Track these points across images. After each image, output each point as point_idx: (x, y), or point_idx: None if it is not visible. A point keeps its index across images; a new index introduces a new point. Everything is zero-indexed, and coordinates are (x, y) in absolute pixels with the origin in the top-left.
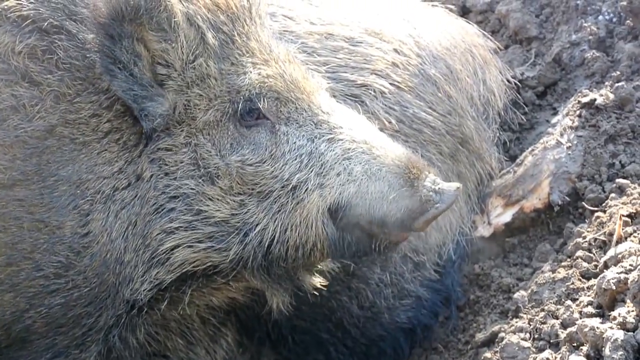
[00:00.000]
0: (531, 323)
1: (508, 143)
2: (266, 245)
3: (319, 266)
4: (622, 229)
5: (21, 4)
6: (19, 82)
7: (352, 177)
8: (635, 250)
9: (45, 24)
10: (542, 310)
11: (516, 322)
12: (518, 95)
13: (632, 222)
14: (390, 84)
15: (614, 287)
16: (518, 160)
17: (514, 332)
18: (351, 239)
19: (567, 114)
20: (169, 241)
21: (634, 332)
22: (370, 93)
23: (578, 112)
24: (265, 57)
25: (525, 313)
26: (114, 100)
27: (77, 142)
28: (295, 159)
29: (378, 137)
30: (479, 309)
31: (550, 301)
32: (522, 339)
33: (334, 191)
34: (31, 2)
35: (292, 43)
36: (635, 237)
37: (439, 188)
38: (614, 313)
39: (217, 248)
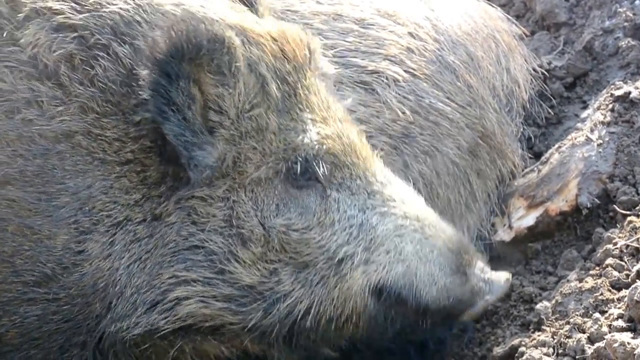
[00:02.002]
0: (555, 337)
1: (533, 139)
2: (297, 318)
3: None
4: None
5: (68, 10)
6: (42, 80)
7: (402, 257)
8: None
9: (92, 38)
10: (568, 323)
11: (538, 335)
12: (545, 86)
13: None
14: (405, 71)
15: None
16: (543, 158)
17: (535, 347)
18: (395, 316)
19: (598, 108)
20: (179, 290)
21: None
22: (383, 80)
23: (610, 106)
24: (324, 115)
25: (548, 326)
26: (141, 135)
27: (95, 157)
28: (345, 230)
29: (430, 214)
30: (498, 320)
31: (577, 313)
32: (544, 354)
33: (381, 269)
34: (79, 12)
35: (295, 24)
36: None
37: (488, 278)
38: None
39: (235, 311)
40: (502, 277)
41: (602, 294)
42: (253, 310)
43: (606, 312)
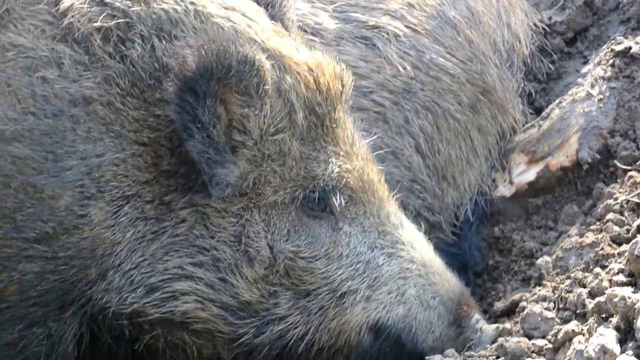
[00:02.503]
0: (556, 292)
1: (533, 94)
2: (288, 342)
3: None
4: None
5: None
6: (68, 42)
7: (403, 299)
8: None
9: (134, 25)
10: (568, 277)
11: (539, 290)
12: (545, 41)
13: None
14: (406, 26)
15: None
16: (544, 113)
17: (536, 301)
18: (388, 355)
19: (598, 63)
20: (182, 284)
21: None
22: (383, 36)
23: (611, 61)
24: (347, 149)
25: (549, 280)
26: (158, 129)
27: (110, 129)
28: (351, 265)
29: (437, 262)
30: (499, 275)
31: (577, 268)
32: (545, 309)
33: (382, 308)
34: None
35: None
36: None
37: (480, 328)
38: None
39: (229, 321)
40: (491, 328)
41: (602, 249)
42: (246, 326)
43: (607, 266)
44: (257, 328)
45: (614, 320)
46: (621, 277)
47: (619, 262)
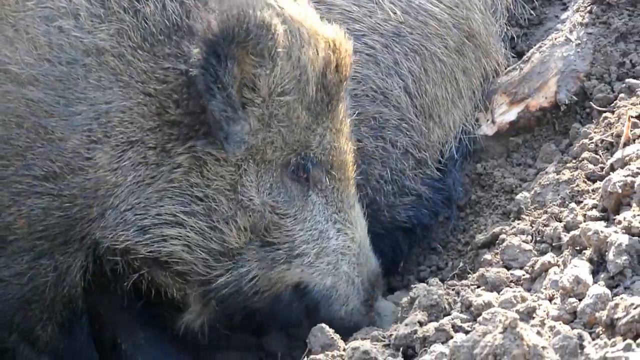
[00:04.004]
0: (533, 225)
1: (515, 39)
2: (241, 283)
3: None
4: (631, 131)
5: None
6: None
7: (335, 272)
8: None
9: None
10: (545, 212)
11: (518, 223)
12: None
13: None
14: None
15: (619, 191)
16: (525, 57)
17: (515, 234)
18: (300, 311)
19: (577, 10)
20: (172, 229)
21: (639, 236)
22: None
23: (589, 8)
24: (338, 127)
25: (527, 215)
26: (165, 81)
27: (119, 79)
28: (310, 230)
29: (367, 244)
30: (480, 209)
31: (554, 203)
32: (523, 241)
33: (316, 275)
34: None
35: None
36: None
37: (380, 311)
38: (619, 217)
39: (209, 264)
40: (390, 308)
41: (578, 186)
42: (221, 268)
43: (581, 202)
44: (229, 271)
45: (588, 252)
46: (595, 212)
47: (593, 198)
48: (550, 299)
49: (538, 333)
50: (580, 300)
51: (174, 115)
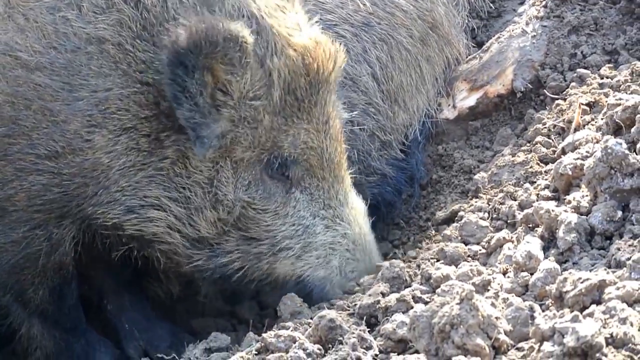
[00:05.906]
0: (490, 203)
1: (476, 30)
2: (227, 271)
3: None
4: (581, 117)
5: None
6: None
7: (326, 265)
8: (592, 138)
9: None
10: (501, 191)
11: (475, 202)
12: None
13: (590, 110)
14: None
15: (570, 172)
16: (484, 47)
17: (473, 212)
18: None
19: (533, 4)
20: (157, 213)
21: (587, 215)
22: None
23: (544, 2)
24: (319, 127)
25: (484, 193)
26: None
27: (119, 67)
28: (293, 226)
29: (368, 241)
30: (441, 188)
31: (509, 183)
32: (480, 218)
33: (306, 268)
34: None
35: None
36: (592, 125)
37: None
38: (569, 197)
39: (187, 247)
40: None
41: (531, 167)
42: (199, 254)
43: (535, 182)
44: (208, 257)
45: (540, 230)
46: (547, 192)
47: (545, 179)
48: (504, 273)
49: (492, 304)
50: (531, 274)
51: (169, 106)
